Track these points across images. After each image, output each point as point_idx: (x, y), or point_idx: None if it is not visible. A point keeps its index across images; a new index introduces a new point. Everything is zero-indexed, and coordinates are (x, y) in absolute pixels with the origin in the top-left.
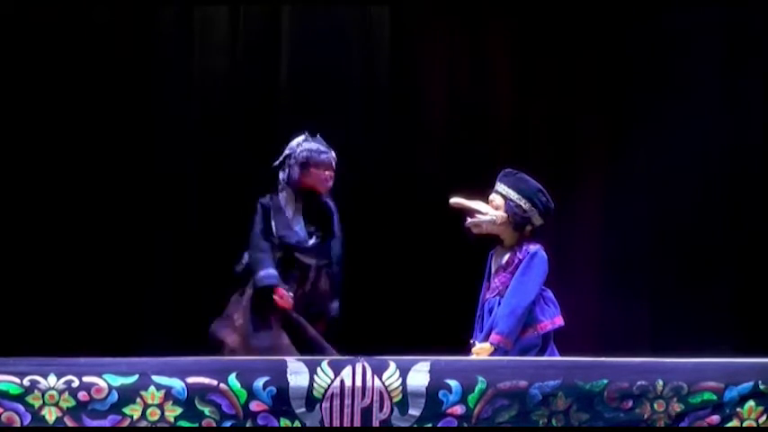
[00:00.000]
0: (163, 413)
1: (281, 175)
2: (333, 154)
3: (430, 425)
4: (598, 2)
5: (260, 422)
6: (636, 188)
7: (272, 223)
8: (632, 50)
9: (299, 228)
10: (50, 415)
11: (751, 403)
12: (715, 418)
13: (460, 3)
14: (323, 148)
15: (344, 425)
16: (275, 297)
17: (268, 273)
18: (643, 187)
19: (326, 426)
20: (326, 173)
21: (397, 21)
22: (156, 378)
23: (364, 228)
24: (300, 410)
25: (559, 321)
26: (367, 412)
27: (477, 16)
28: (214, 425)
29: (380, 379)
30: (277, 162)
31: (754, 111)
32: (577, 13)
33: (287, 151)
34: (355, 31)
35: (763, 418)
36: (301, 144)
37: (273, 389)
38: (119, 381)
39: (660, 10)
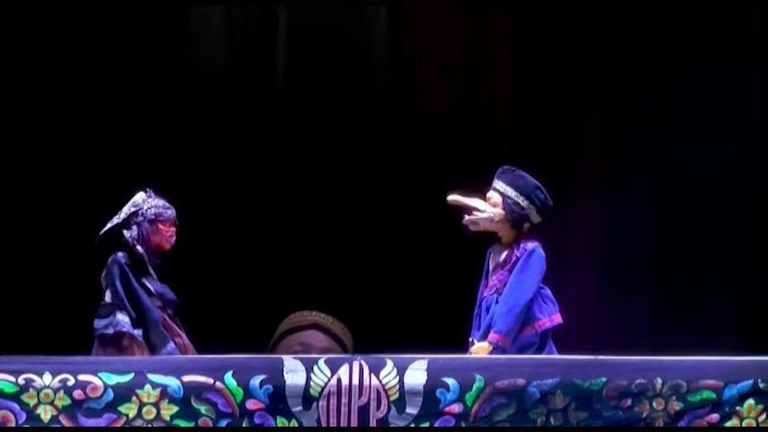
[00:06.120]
0: (159, 412)
1: (128, 234)
2: (174, 211)
3: (427, 423)
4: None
5: (256, 421)
6: (635, 185)
7: (145, 281)
8: (633, 49)
9: (161, 285)
10: (45, 414)
11: (750, 402)
12: (714, 417)
13: (459, 1)
14: (168, 204)
15: (341, 424)
16: None
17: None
18: (642, 184)
19: (323, 424)
20: (172, 229)
21: (395, 20)
22: (151, 376)
23: (361, 226)
24: (297, 409)
25: (558, 319)
26: (364, 411)
27: (476, 14)
28: (210, 424)
29: (378, 377)
30: (119, 220)
31: (755, 110)
32: (577, 11)
33: (132, 208)
34: (352, 30)
35: (763, 416)
36: (147, 201)
37: (270, 387)
38: (114, 379)
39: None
